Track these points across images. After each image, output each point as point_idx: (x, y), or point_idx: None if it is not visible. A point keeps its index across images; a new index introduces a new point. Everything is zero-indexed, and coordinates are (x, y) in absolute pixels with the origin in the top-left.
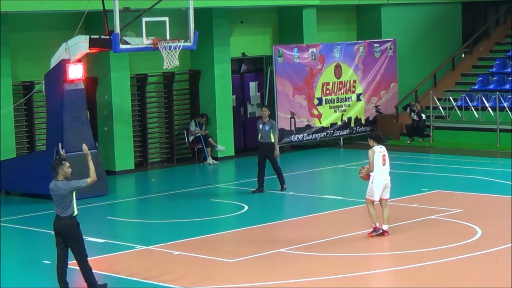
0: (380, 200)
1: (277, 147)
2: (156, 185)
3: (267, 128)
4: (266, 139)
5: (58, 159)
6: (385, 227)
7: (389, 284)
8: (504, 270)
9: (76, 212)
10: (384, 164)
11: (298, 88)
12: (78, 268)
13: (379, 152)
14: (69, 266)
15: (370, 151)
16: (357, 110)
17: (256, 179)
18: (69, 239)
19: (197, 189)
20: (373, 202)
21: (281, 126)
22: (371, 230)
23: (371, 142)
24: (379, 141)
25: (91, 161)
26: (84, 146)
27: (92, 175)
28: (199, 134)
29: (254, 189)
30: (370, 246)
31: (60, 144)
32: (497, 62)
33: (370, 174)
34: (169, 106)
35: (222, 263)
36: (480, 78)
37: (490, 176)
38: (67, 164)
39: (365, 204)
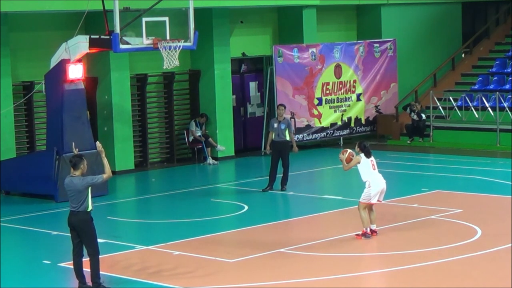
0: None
1: (294, 143)
2: (156, 185)
3: (283, 126)
4: (282, 137)
5: (77, 155)
6: (373, 226)
7: (389, 284)
8: (504, 270)
9: (90, 208)
10: (374, 169)
11: (298, 88)
12: (72, 267)
13: (368, 160)
14: (66, 265)
15: (356, 156)
16: (357, 110)
17: (268, 177)
18: (83, 233)
19: (197, 189)
20: (365, 206)
21: None
22: (360, 232)
23: (358, 150)
24: (366, 154)
25: (105, 158)
26: (98, 143)
27: (108, 171)
28: (199, 135)
29: (264, 188)
30: (370, 246)
31: (73, 143)
32: (497, 62)
33: (366, 180)
34: (169, 106)
35: (222, 263)
36: (480, 78)
37: (490, 176)
38: (85, 160)
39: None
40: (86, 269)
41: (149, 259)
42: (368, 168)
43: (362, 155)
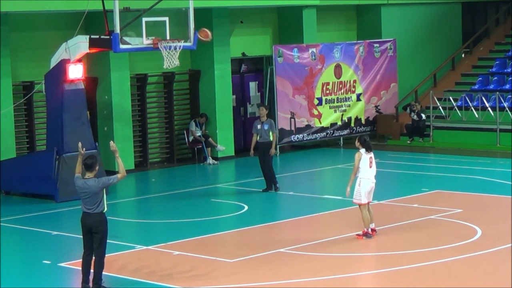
0: None
1: (274, 144)
2: (156, 185)
3: (266, 127)
4: (266, 138)
5: (90, 156)
6: (372, 225)
7: (389, 284)
8: (504, 270)
9: (106, 209)
10: (371, 167)
11: (298, 88)
12: (79, 268)
13: (366, 154)
14: (66, 265)
15: (357, 154)
16: (357, 110)
17: (263, 178)
18: (98, 234)
19: (197, 189)
20: (365, 205)
21: (281, 126)
22: (361, 232)
23: (358, 144)
24: (367, 148)
25: (119, 158)
26: (112, 143)
27: (122, 171)
28: (199, 135)
29: (265, 188)
30: (370, 246)
31: (80, 143)
32: (497, 62)
33: (358, 176)
34: (169, 106)
35: (222, 263)
36: (480, 78)
37: (490, 176)
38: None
39: (357, 206)
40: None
41: (149, 259)
42: (365, 165)
43: (363, 150)
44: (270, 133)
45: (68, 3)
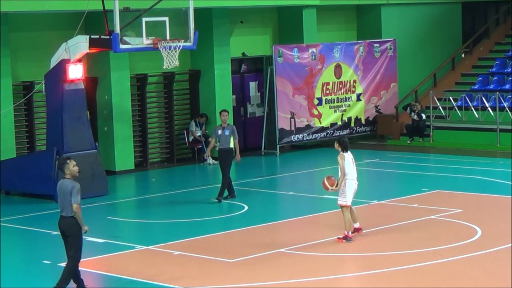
0: None
1: (238, 151)
2: (156, 185)
3: (227, 133)
4: (226, 145)
5: (63, 158)
6: (356, 225)
7: (389, 284)
8: (504, 270)
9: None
10: (353, 168)
11: (298, 88)
12: (81, 268)
13: (348, 156)
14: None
15: (339, 158)
16: (357, 110)
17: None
18: (69, 237)
19: (197, 189)
20: (348, 208)
21: (281, 126)
22: (342, 236)
23: (339, 148)
24: (345, 149)
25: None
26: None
27: (78, 216)
28: (199, 135)
29: (225, 196)
30: (370, 246)
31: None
32: (497, 62)
33: (345, 178)
34: (169, 106)
35: (222, 263)
36: (480, 78)
37: (490, 176)
38: (73, 162)
39: (349, 206)
40: (86, 269)
41: (149, 259)
42: (350, 166)
43: (345, 153)
44: (231, 139)
45: (68, 3)
